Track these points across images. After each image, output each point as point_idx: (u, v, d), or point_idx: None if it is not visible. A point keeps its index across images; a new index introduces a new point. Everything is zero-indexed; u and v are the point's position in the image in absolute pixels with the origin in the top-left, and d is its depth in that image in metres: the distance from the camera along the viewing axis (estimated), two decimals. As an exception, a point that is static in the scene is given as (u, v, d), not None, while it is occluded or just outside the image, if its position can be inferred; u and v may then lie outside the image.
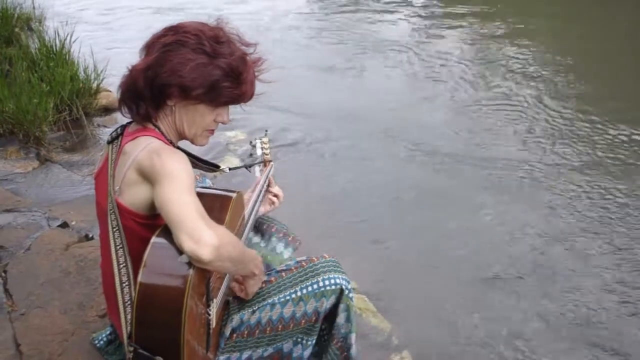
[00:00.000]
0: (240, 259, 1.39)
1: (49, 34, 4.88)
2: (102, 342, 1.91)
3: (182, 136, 1.55)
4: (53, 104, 4.04)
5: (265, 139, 2.04)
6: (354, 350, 1.69)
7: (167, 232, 1.28)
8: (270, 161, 2.03)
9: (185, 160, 1.38)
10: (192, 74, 1.42)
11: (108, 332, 1.91)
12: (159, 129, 1.49)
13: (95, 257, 2.45)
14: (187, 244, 1.21)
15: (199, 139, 1.55)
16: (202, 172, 1.87)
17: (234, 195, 1.53)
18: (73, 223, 2.89)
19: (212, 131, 1.56)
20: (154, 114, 1.49)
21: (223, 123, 1.56)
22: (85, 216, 2.94)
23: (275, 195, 1.97)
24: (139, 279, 1.25)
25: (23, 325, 2.10)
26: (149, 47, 1.47)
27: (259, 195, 1.88)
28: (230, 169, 1.83)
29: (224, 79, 1.45)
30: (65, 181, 3.48)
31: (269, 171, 1.99)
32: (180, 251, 1.24)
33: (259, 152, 2.03)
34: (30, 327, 2.09)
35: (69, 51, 4.64)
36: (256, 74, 1.54)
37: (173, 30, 1.47)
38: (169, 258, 1.27)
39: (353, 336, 1.68)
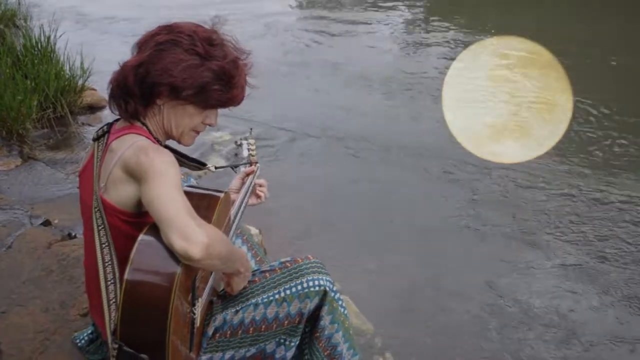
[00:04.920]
0: (228, 257, 1.39)
1: (34, 31, 4.84)
2: (83, 341, 1.90)
3: (169, 135, 1.55)
4: (37, 102, 3.99)
5: (251, 140, 2.04)
6: (340, 349, 1.69)
7: (154, 230, 1.28)
8: (256, 162, 2.03)
9: (172, 158, 1.38)
10: (183, 74, 1.42)
11: (89, 332, 1.90)
12: (146, 127, 1.49)
13: (77, 255, 2.43)
14: (177, 242, 1.21)
15: (185, 139, 1.56)
16: (187, 171, 1.87)
17: (221, 195, 1.53)
18: (56, 221, 2.87)
19: (198, 132, 1.57)
20: (142, 112, 1.48)
21: (211, 125, 1.56)
22: (68, 214, 2.91)
23: (261, 186, 1.97)
24: (126, 276, 1.25)
25: (3, 323, 2.08)
26: (141, 45, 1.47)
27: (245, 196, 1.88)
28: (216, 167, 1.83)
29: (215, 82, 1.46)
30: (49, 179, 3.46)
31: (256, 173, 1.99)
32: (168, 249, 1.24)
33: (245, 153, 2.03)
34: (11, 325, 2.07)
35: (54, 48, 4.60)
36: (248, 77, 1.54)
37: (167, 29, 1.47)
38: (156, 256, 1.27)
39: (338, 335, 1.68)
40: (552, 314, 2.79)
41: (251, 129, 2.11)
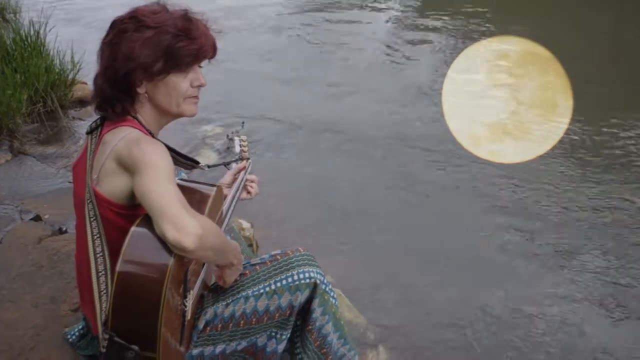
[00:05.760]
0: (221, 249, 1.39)
1: (24, 24, 4.79)
2: (74, 337, 1.89)
3: (169, 116, 1.55)
4: (27, 96, 3.96)
5: (244, 137, 2.05)
6: (330, 339, 1.69)
7: (147, 222, 1.28)
8: (248, 159, 2.03)
9: (164, 150, 1.39)
10: (144, 50, 1.42)
11: (80, 327, 1.89)
12: (137, 120, 1.49)
13: (68, 250, 2.42)
14: (170, 233, 1.20)
15: (185, 109, 1.54)
16: (178, 167, 1.86)
17: (213, 189, 1.53)
18: (46, 216, 2.85)
19: (196, 97, 1.56)
20: (131, 108, 1.49)
21: (201, 86, 1.54)
22: (58, 209, 2.89)
23: (252, 181, 1.97)
24: (118, 268, 1.24)
25: (-7, 319, 2.07)
26: (98, 55, 1.48)
27: (236, 192, 1.88)
28: (209, 166, 1.84)
29: (176, 40, 1.44)
30: (39, 174, 3.43)
31: (247, 169, 1.99)
32: (160, 241, 1.24)
33: (237, 149, 2.04)
34: (1, 321, 2.05)
35: (44, 42, 4.56)
36: (208, 25, 1.52)
37: (110, 27, 1.48)
38: (148, 248, 1.26)
39: (329, 326, 1.68)
40: (550, 320, 2.75)
41: (243, 122, 2.11)
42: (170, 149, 1.54)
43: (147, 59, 1.42)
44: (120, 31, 1.44)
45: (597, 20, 7.78)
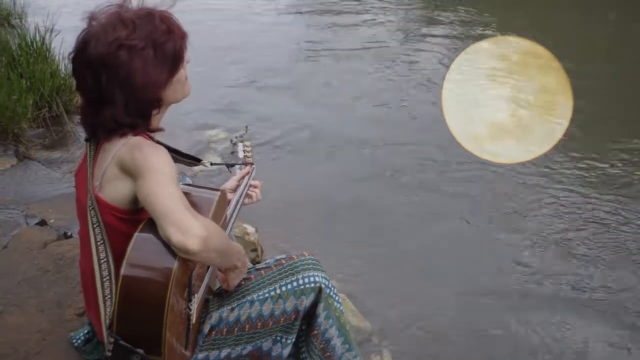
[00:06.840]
0: (225, 251, 1.40)
1: (29, 30, 4.81)
2: (79, 341, 1.89)
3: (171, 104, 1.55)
4: (32, 101, 3.97)
5: (247, 142, 2.05)
6: (334, 343, 1.68)
7: (150, 226, 1.28)
8: (252, 164, 2.03)
9: (166, 153, 1.39)
10: (155, 70, 1.41)
11: (86, 331, 1.89)
12: (147, 133, 1.48)
13: (73, 255, 2.43)
14: (175, 235, 1.21)
15: (186, 92, 1.54)
16: (182, 169, 1.86)
17: (217, 194, 1.53)
18: (51, 221, 2.86)
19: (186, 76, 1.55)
20: (150, 124, 1.48)
21: (188, 62, 1.53)
22: (64, 214, 2.90)
23: (255, 187, 1.97)
24: (122, 272, 1.25)
25: (-1, 324, 2.08)
26: (100, 92, 1.41)
27: (240, 197, 1.89)
28: (212, 164, 1.83)
29: (173, 44, 1.44)
30: (44, 179, 3.44)
31: (251, 174, 2.00)
32: (164, 245, 1.24)
33: (240, 154, 2.04)
34: (6, 325, 2.06)
35: (50, 47, 4.58)
36: (166, 8, 1.50)
37: (94, 63, 1.40)
38: (153, 252, 1.27)
39: (332, 330, 1.67)
40: (547, 330, 2.74)
41: (247, 127, 2.11)
42: (171, 149, 1.54)
43: (161, 76, 1.42)
44: (117, 65, 1.37)
45: (597, 20, 7.76)
